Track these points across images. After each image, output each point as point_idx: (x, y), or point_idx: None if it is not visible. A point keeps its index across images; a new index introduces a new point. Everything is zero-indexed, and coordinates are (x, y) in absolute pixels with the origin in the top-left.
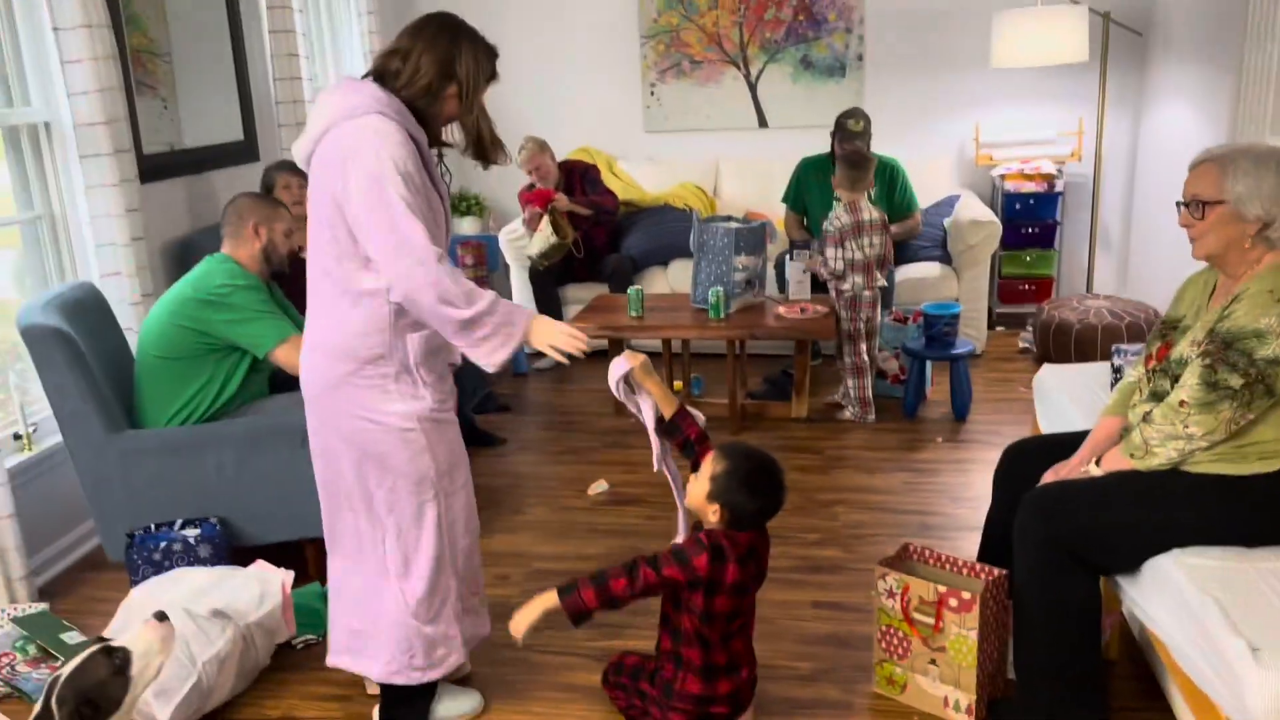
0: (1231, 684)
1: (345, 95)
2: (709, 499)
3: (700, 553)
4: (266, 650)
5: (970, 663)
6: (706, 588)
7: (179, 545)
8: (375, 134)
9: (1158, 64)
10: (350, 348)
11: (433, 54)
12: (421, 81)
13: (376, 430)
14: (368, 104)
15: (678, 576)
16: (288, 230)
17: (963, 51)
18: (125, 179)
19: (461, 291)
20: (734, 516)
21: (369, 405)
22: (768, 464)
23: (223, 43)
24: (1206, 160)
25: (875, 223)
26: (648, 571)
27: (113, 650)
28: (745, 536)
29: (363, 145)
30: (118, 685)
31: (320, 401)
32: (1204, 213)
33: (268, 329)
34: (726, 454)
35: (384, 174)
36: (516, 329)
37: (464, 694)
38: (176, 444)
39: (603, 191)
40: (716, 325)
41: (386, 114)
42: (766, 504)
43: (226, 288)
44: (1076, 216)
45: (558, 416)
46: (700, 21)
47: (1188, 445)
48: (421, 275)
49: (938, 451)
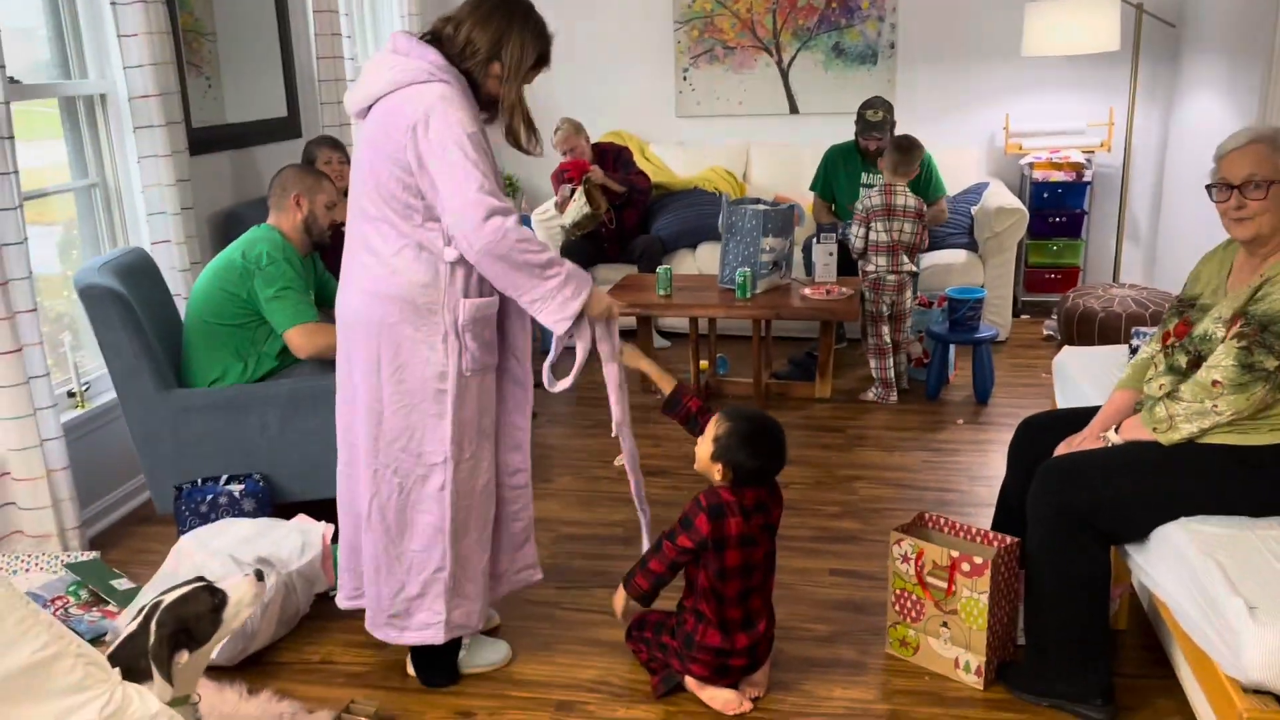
0: (1230, 641)
1: (409, 59)
2: (713, 459)
3: (699, 513)
4: (307, 598)
5: (981, 625)
6: (715, 545)
7: (224, 499)
8: (442, 100)
9: (1189, 55)
10: (409, 296)
11: (485, 31)
12: (473, 55)
13: (412, 381)
14: (431, 70)
15: (688, 544)
16: (329, 203)
17: (994, 40)
18: (176, 150)
19: (535, 240)
20: (737, 475)
21: (410, 352)
22: (768, 424)
23: (268, 23)
24: (1255, 140)
25: (909, 209)
26: (668, 546)
27: (215, 591)
28: (751, 492)
29: (433, 114)
30: (210, 622)
31: (363, 342)
32: (1267, 192)
33: (289, 309)
34: (729, 416)
35: (459, 140)
36: (585, 282)
37: (493, 644)
38: (223, 402)
39: (635, 173)
40: (743, 305)
41: (449, 81)
42: (767, 463)
43: (266, 258)
44: (1104, 207)
45: (586, 393)
46: (734, 7)
47: (1213, 422)
48: (497, 224)
49: (958, 432)
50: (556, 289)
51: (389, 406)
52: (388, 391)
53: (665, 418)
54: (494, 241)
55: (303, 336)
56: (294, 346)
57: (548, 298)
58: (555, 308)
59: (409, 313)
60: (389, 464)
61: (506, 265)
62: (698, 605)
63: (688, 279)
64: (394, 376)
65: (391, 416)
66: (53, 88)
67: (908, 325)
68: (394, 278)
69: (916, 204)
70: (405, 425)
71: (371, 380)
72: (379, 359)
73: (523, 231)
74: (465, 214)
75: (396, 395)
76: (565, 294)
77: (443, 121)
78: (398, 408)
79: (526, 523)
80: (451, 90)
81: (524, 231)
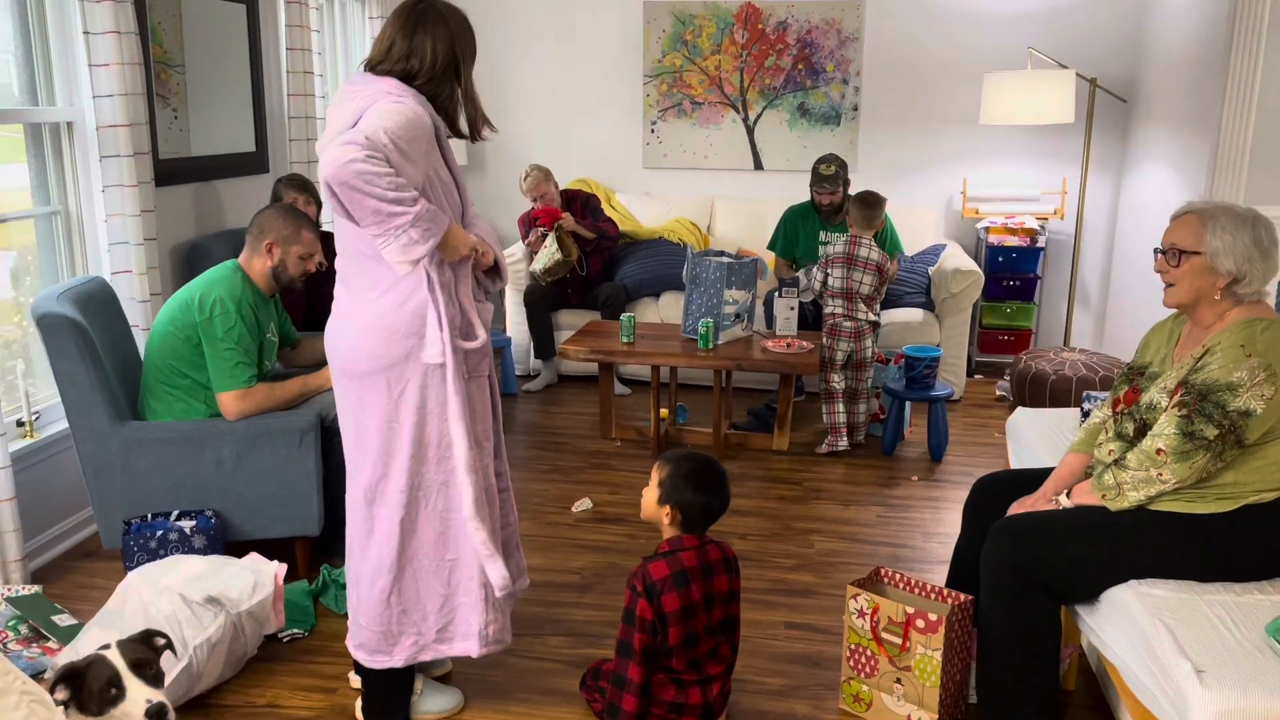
0: (1177, 703)
1: (366, 88)
2: (660, 503)
3: (636, 600)
4: (255, 640)
5: (934, 683)
6: (657, 624)
7: (175, 535)
8: (387, 95)
9: (1140, 130)
10: (406, 325)
11: (415, 36)
12: (435, 67)
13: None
14: (388, 92)
15: (643, 636)
16: (304, 254)
17: (954, 108)
18: (142, 181)
19: (389, 181)
20: (685, 516)
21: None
22: (708, 462)
23: (240, 57)
24: (1189, 212)
25: (871, 261)
26: (628, 652)
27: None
28: (689, 556)
29: (372, 107)
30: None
31: (375, 377)
32: (1180, 261)
33: (226, 369)
34: (668, 460)
35: (373, 125)
36: (436, 226)
37: (445, 691)
38: (178, 437)
39: (604, 220)
40: (705, 355)
41: (402, 97)
42: (712, 499)
43: (219, 306)
44: (1057, 272)
45: (545, 437)
46: (703, 64)
47: (1159, 490)
48: (346, 152)
49: (912, 489)
50: (401, 228)
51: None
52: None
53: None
54: (338, 167)
55: (234, 401)
56: (224, 409)
57: (389, 236)
58: (398, 248)
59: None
60: (415, 481)
61: (352, 193)
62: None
63: (650, 327)
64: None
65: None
66: (19, 113)
67: (868, 375)
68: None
69: (879, 258)
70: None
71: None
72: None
73: (377, 167)
74: (331, 145)
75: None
76: (411, 235)
77: (377, 107)
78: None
79: (513, 529)
80: (401, 103)
81: (378, 167)
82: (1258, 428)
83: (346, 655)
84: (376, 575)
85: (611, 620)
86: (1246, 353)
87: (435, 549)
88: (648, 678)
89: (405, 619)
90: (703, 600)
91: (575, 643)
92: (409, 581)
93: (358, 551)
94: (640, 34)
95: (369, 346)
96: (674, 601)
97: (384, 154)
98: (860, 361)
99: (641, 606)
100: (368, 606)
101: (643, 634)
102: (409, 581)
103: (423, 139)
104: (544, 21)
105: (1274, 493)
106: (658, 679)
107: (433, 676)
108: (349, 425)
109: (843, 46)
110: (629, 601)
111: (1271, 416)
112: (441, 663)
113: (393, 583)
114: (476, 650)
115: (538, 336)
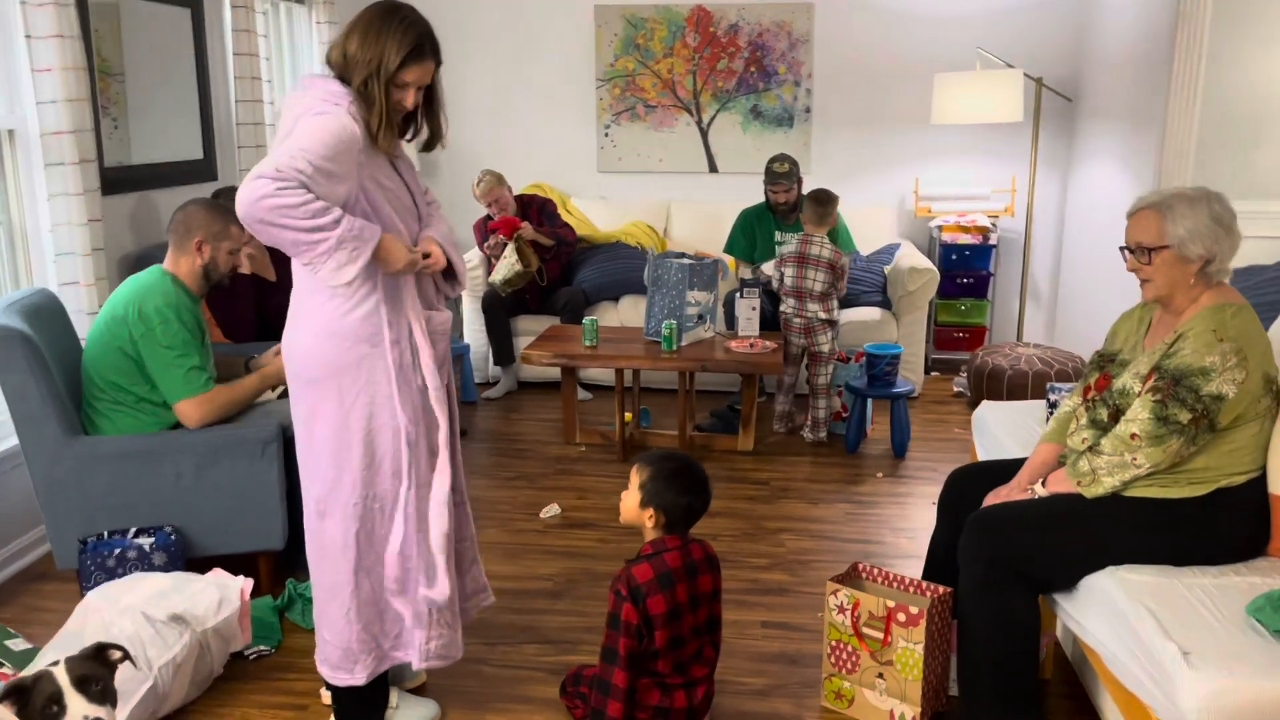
0: (1165, 686)
1: (308, 93)
2: (642, 506)
3: (622, 604)
4: (221, 658)
5: (916, 676)
6: (643, 627)
7: (133, 553)
8: (300, 131)
9: (1085, 127)
10: (356, 331)
11: (357, 38)
12: (354, 68)
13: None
14: (324, 97)
15: (629, 641)
16: (233, 249)
17: (905, 108)
18: (89, 189)
19: (304, 210)
20: (669, 517)
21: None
22: (689, 461)
23: (185, 65)
24: (1144, 208)
25: (822, 259)
26: (613, 658)
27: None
28: (673, 557)
29: (291, 136)
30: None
31: (326, 385)
32: (1150, 258)
33: (179, 378)
34: (647, 461)
35: (289, 149)
36: (364, 243)
37: (421, 703)
38: (135, 451)
39: (561, 225)
40: (669, 357)
41: (342, 106)
42: (695, 499)
43: (158, 316)
44: (1008, 269)
45: (508, 444)
46: (656, 68)
47: (1133, 475)
48: (256, 187)
49: (878, 485)
50: (326, 253)
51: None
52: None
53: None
54: (249, 205)
55: (194, 408)
56: (185, 417)
57: (317, 264)
58: (328, 273)
59: (366, 347)
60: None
61: (268, 229)
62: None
63: (612, 331)
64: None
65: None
66: None
67: (826, 370)
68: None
69: (831, 255)
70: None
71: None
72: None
73: (289, 198)
74: (244, 182)
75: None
76: (338, 258)
77: (300, 126)
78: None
79: (470, 541)
80: (330, 117)
81: (291, 198)
82: (1229, 411)
83: (316, 671)
84: (335, 590)
85: (587, 626)
86: (1219, 337)
87: (390, 562)
88: (633, 683)
89: (365, 635)
90: (688, 601)
91: (551, 650)
92: (366, 596)
93: (317, 565)
94: (592, 38)
95: (320, 352)
96: (660, 604)
97: (299, 180)
98: (816, 355)
99: (627, 610)
100: (329, 621)
101: (628, 639)
102: (366, 596)
103: (351, 151)
104: (495, 26)
105: (1245, 475)
106: (642, 684)
107: (406, 689)
108: (301, 435)
109: (794, 49)
110: (613, 606)
111: (1243, 400)
112: (415, 675)
113: (351, 597)
114: (417, 662)
115: (497, 343)
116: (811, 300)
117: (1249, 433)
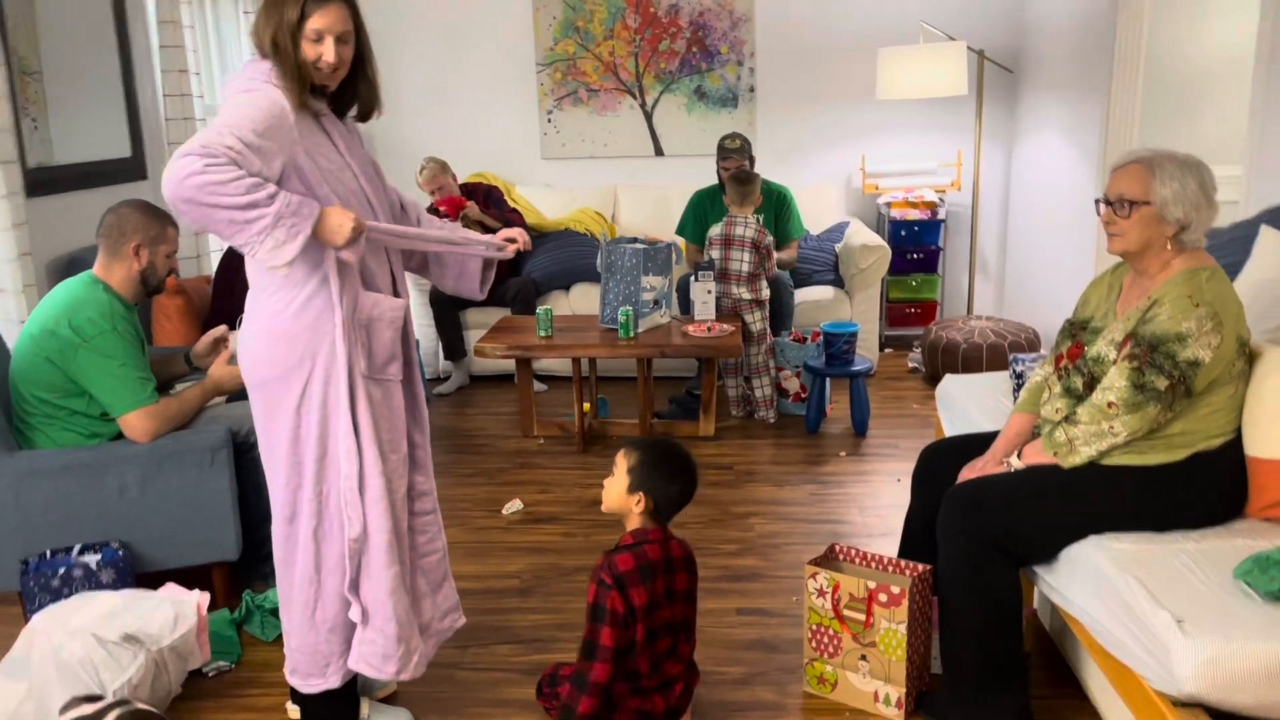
0: (1159, 655)
1: (241, 78)
2: (630, 491)
3: (607, 594)
4: (179, 677)
5: (900, 656)
6: (629, 617)
7: (79, 571)
8: (225, 109)
9: (1027, 99)
10: (301, 327)
11: (264, 4)
12: (266, 32)
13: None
14: (252, 76)
15: (616, 632)
16: (170, 252)
17: (849, 84)
18: (12, 191)
19: (236, 186)
20: (657, 504)
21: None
22: (676, 446)
23: (108, 60)
24: (1134, 161)
25: (746, 239)
26: (593, 652)
27: None
28: (653, 549)
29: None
30: None
31: (275, 385)
32: (1130, 211)
33: (124, 390)
34: (635, 446)
35: (215, 126)
36: (303, 219)
37: (392, 712)
38: (76, 464)
39: (510, 210)
40: (627, 344)
41: (254, 85)
42: (685, 484)
43: (93, 327)
44: (957, 243)
45: (465, 440)
46: (596, 50)
47: (1111, 443)
48: (183, 165)
49: (841, 464)
50: (264, 231)
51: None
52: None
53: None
54: (176, 184)
55: (144, 420)
56: (133, 431)
57: (253, 243)
58: (265, 253)
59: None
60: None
61: (199, 209)
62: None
63: (567, 320)
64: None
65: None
66: None
67: (758, 350)
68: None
69: (755, 235)
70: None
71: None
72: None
73: (219, 174)
74: (170, 161)
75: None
76: (276, 236)
77: (226, 105)
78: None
79: (441, 555)
80: (254, 93)
81: (221, 174)
82: (1205, 376)
83: (279, 685)
84: (300, 591)
85: (560, 623)
86: (1194, 303)
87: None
88: (612, 680)
89: (334, 636)
90: (665, 594)
91: (524, 650)
92: (331, 594)
93: (283, 571)
94: (530, 21)
95: (266, 352)
96: (641, 595)
97: (229, 157)
98: (749, 335)
99: (613, 599)
100: (295, 626)
101: (614, 628)
102: (331, 594)
103: (282, 126)
104: (431, 10)
105: (1221, 438)
106: (619, 690)
107: (377, 698)
108: (262, 439)
109: (735, 28)
110: (596, 597)
111: (1218, 365)
112: (385, 683)
113: (315, 597)
114: (350, 661)
115: (447, 337)
116: (739, 283)
117: (1224, 396)
